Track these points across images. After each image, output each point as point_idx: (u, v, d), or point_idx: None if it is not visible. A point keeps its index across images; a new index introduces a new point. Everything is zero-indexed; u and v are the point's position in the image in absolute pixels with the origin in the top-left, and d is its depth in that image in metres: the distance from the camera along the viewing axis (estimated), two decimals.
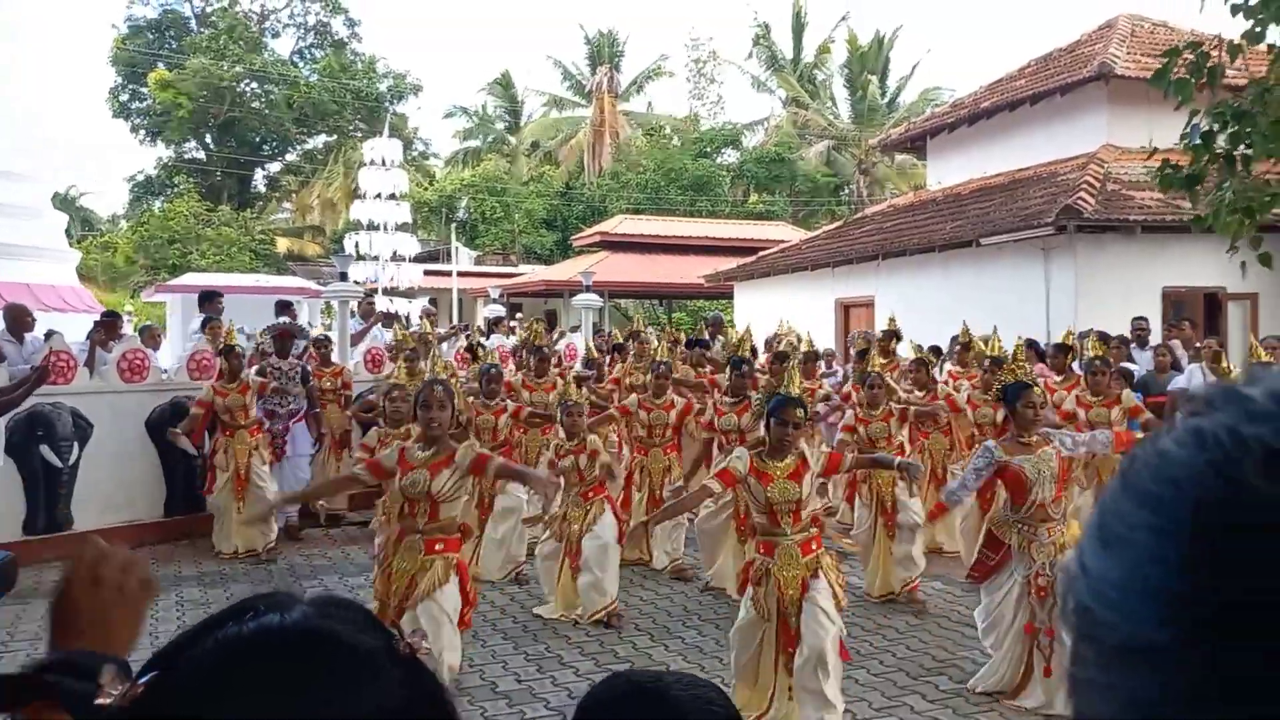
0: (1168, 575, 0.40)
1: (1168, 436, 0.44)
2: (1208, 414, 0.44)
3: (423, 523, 5.14)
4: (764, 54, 39.46)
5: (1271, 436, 0.40)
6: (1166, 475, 0.42)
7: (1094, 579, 0.44)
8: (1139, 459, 0.45)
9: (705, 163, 36.56)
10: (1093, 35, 16.48)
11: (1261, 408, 0.42)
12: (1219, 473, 0.41)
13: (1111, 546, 0.43)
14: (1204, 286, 12.41)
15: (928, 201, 17.46)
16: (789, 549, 4.88)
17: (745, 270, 20.09)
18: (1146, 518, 0.42)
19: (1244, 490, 0.39)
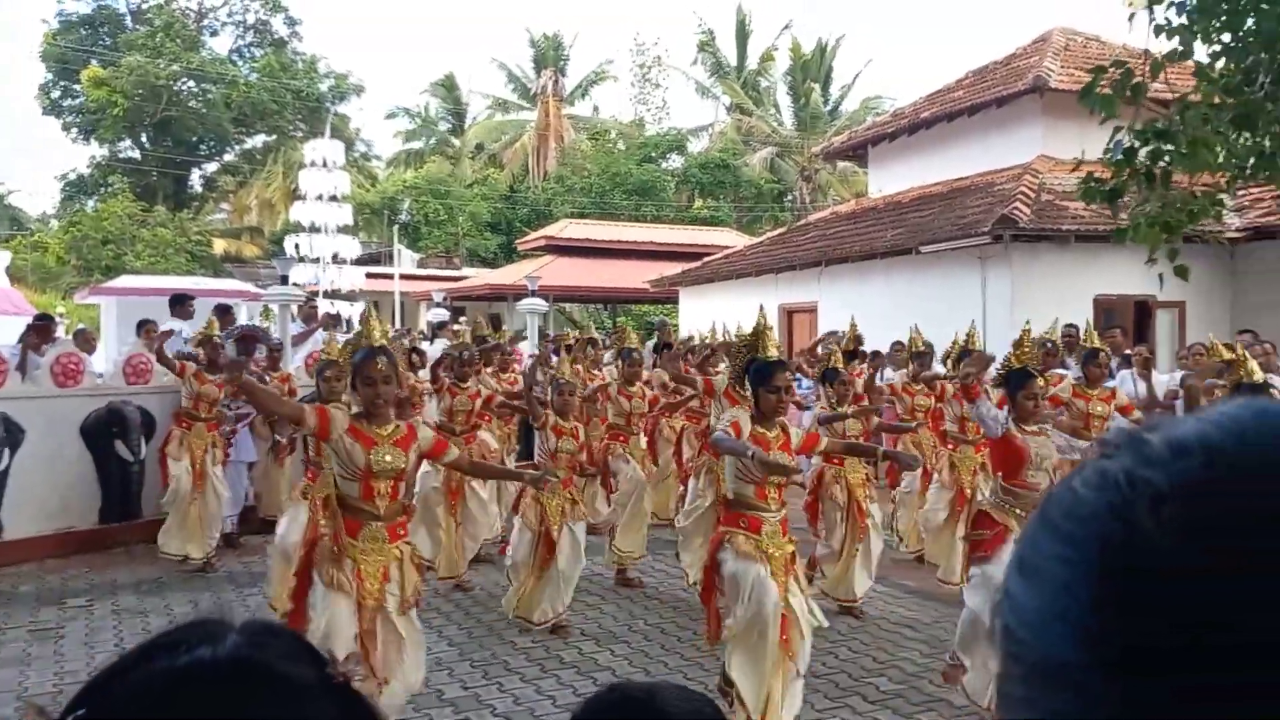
0: (1078, 609, 0.45)
1: (1079, 475, 0.49)
2: (1113, 456, 0.49)
3: (384, 506, 4.58)
4: (709, 60, 39.74)
5: (1161, 480, 0.45)
6: (1075, 513, 0.47)
7: (1015, 602, 0.48)
8: (1054, 495, 0.50)
9: (650, 168, 36.69)
10: (1028, 48, 16.86)
11: (1156, 453, 0.46)
12: (1115, 514, 0.45)
13: (1029, 575, 0.48)
14: (1134, 295, 12.76)
15: (869, 209, 17.72)
16: (774, 528, 4.73)
17: (690, 276, 20.22)
18: (1058, 551, 0.47)
19: (1137, 532, 0.44)
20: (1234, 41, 6.98)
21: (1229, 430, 0.46)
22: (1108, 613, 0.44)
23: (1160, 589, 0.43)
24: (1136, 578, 0.43)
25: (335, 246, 23.82)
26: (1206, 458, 0.45)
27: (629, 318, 30.20)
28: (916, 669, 5.84)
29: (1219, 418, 0.48)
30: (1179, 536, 0.43)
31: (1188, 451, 0.46)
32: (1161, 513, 0.44)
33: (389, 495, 4.59)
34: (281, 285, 12.08)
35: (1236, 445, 0.46)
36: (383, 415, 4.61)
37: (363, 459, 4.51)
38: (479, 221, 35.86)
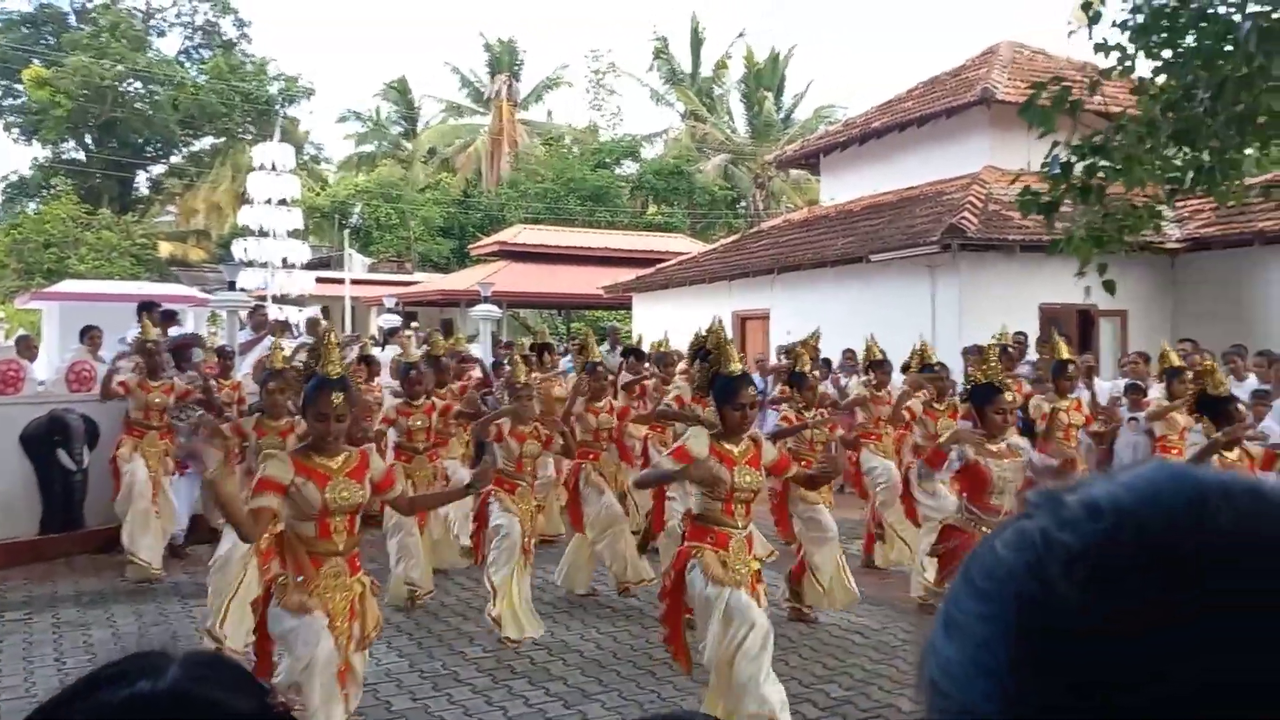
0: (997, 666, 0.46)
1: (1000, 535, 0.51)
2: (1033, 516, 0.50)
3: (342, 542, 4.22)
4: (664, 67, 39.89)
5: (1074, 542, 0.46)
6: (994, 573, 0.49)
7: (939, 656, 0.50)
8: (977, 554, 0.51)
9: (604, 174, 36.72)
10: (976, 60, 17.14)
11: (1071, 514, 0.48)
12: (1032, 574, 0.47)
13: (952, 630, 0.50)
14: (1077, 304, 13.01)
15: (821, 217, 17.89)
16: (741, 543, 4.58)
17: (644, 282, 20.26)
18: (978, 609, 0.49)
19: (1052, 592, 0.46)
20: (1174, 58, 7.16)
21: (1141, 493, 0.48)
22: (1024, 671, 0.45)
23: (1072, 649, 0.44)
24: (1050, 638, 0.45)
25: (284, 251, 23.54)
26: (1117, 520, 0.47)
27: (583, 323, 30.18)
28: (865, 675, 5.89)
29: (1134, 480, 0.49)
30: (1089, 597, 0.45)
31: (1100, 513, 0.47)
32: (1074, 574, 0.45)
33: (346, 531, 4.25)
34: (229, 291, 11.92)
35: (1147, 508, 0.47)
36: (333, 446, 4.23)
37: (318, 498, 4.13)
38: (431, 226, 35.64)
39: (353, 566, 4.29)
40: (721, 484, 4.57)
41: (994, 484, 5.18)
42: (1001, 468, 5.20)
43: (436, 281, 29.65)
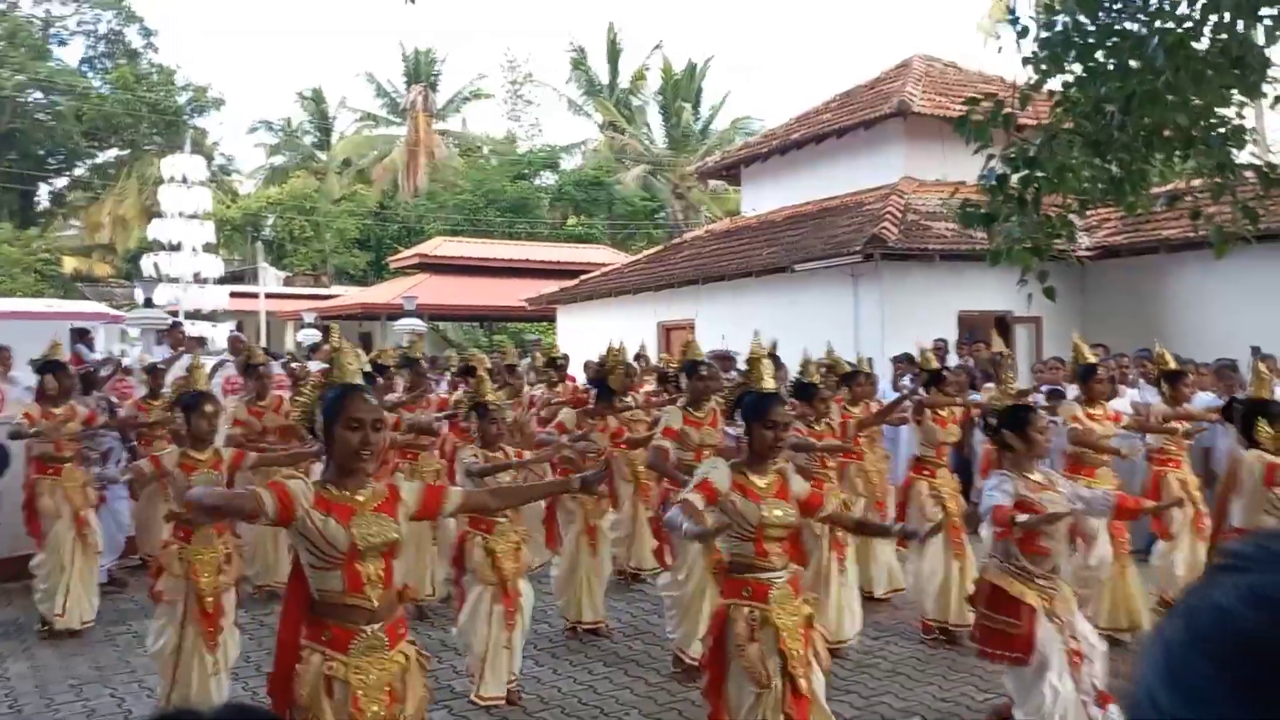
0: None
1: (1219, 592, 0.49)
2: (1252, 570, 0.49)
3: (377, 597, 3.21)
4: (582, 78, 39.95)
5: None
6: (1241, 639, 0.47)
7: (1166, 716, 0.48)
8: (1202, 611, 0.49)
9: (523, 185, 36.60)
10: (891, 73, 17.52)
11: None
12: None
13: (1185, 694, 0.48)
14: (994, 310, 13.36)
15: (744, 228, 18.08)
16: (784, 590, 3.89)
17: (568, 293, 20.22)
18: (1221, 674, 0.47)
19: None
20: (1085, 72, 7.42)
21: None
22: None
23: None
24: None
25: (196, 265, 22.94)
26: None
27: (505, 336, 30.03)
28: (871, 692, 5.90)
29: None
30: None
31: None
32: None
33: (383, 581, 3.26)
34: (145, 307, 11.57)
35: None
36: (360, 474, 3.31)
37: (344, 537, 3.18)
38: (347, 239, 35.11)
39: (391, 635, 3.30)
40: (747, 521, 3.90)
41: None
42: (1050, 499, 4.39)
43: (355, 295, 29.22)
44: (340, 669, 3.16)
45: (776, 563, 3.93)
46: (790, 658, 3.75)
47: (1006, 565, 4.44)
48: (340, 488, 3.27)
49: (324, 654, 3.18)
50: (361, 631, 3.20)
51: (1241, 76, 6.96)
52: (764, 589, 3.87)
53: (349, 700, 3.15)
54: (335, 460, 3.31)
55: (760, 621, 3.80)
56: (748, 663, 3.71)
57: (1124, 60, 7.21)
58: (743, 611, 3.82)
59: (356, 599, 3.20)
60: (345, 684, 3.16)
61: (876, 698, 5.64)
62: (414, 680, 3.35)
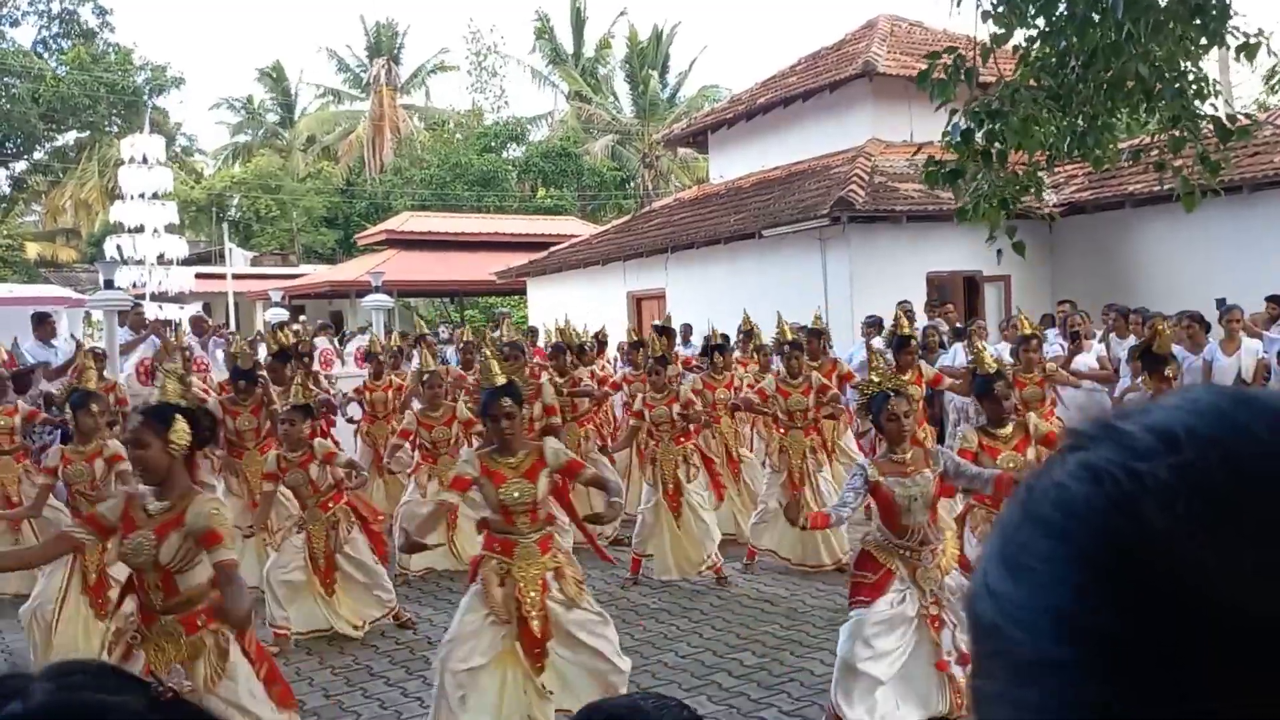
0: (1074, 601, 0.44)
1: (1060, 469, 0.48)
2: (1090, 447, 0.48)
3: (158, 600, 3.77)
4: (546, 48, 39.53)
5: (1165, 473, 0.44)
6: (1070, 509, 0.46)
7: (1001, 600, 0.47)
8: (1037, 489, 0.49)
9: (491, 158, 36.29)
10: (856, 34, 17.42)
11: (1145, 445, 0.46)
12: (1121, 510, 0.44)
13: (1019, 572, 0.47)
14: (963, 270, 13.40)
15: (711, 195, 18.00)
16: (528, 548, 4.60)
17: (538, 266, 20.11)
18: (1054, 549, 0.46)
19: (1149, 528, 0.43)
20: (1048, 26, 7.38)
21: (1214, 419, 0.46)
22: (1105, 602, 0.43)
23: (1176, 587, 0.42)
24: (1150, 576, 0.43)
25: (161, 247, 22.62)
26: (1202, 450, 0.45)
27: (476, 310, 29.89)
28: (777, 642, 5.97)
29: (1196, 405, 0.47)
30: (1196, 534, 0.43)
31: (1178, 444, 0.45)
32: (1173, 507, 0.43)
33: (162, 590, 3.77)
34: (106, 290, 11.39)
35: (1230, 435, 0.46)
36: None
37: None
38: (314, 216, 34.74)
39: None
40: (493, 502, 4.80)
41: (899, 505, 4.68)
42: (904, 487, 4.70)
43: (323, 273, 28.94)
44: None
45: (522, 528, 4.61)
46: (523, 602, 4.52)
47: (878, 537, 4.84)
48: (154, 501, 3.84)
49: None
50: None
51: (1201, 25, 6.95)
52: (510, 545, 4.60)
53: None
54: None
55: (503, 572, 4.57)
56: (492, 601, 4.53)
57: (1085, 13, 7.18)
58: (491, 564, 4.60)
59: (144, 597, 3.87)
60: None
61: None
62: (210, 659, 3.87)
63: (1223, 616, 0.41)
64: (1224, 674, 0.41)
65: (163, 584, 3.73)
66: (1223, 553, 0.42)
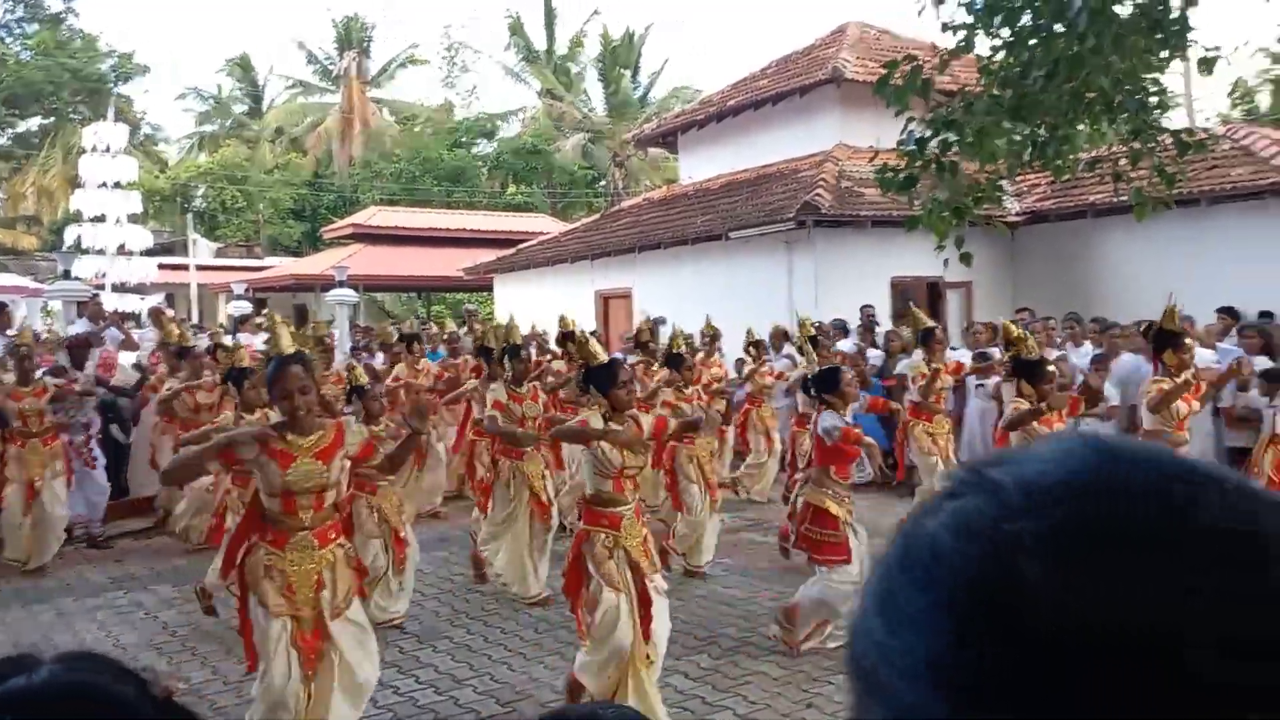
0: (953, 660, 0.45)
1: (934, 517, 0.49)
2: (964, 496, 0.49)
3: (309, 517, 4.23)
4: (519, 44, 39.39)
5: (1035, 529, 0.45)
6: (941, 559, 0.47)
7: (883, 649, 0.48)
8: (913, 536, 0.50)
9: (461, 153, 36.11)
10: (826, 40, 17.51)
11: (1017, 499, 0.47)
12: (990, 561, 0.46)
13: (897, 623, 0.48)
14: (927, 276, 13.49)
15: (681, 195, 18.03)
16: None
17: (505, 263, 20.05)
18: (929, 600, 0.47)
19: (1019, 581, 0.44)
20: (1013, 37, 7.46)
21: (1085, 475, 0.47)
22: (978, 657, 0.44)
23: (1043, 640, 0.43)
24: (1017, 630, 0.44)
25: (123, 237, 22.32)
26: (1074, 506, 0.46)
27: (444, 306, 29.74)
28: (733, 644, 6.00)
29: (1068, 459, 0.48)
30: (1064, 591, 0.44)
31: (1048, 499, 0.47)
32: (1042, 560, 0.44)
33: (313, 507, 4.27)
34: (64, 280, 11.24)
35: (1100, 490, 0.47)
36: (304, 424, 4.25)
37: (278, 475, 4.17)
38: (281, 209, 34.40)
39: (323, 539, 4.29)
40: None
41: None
42: None
43: (288, 266, 28.66)
44: (273, 559, 4.23)
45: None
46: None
47: (820, 488, 5.70)
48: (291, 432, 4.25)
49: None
50: (296, 534, 4.24)
51: (1162, 39, 7.06)
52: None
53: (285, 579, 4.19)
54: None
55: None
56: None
57: (1049, 24, 7.27)
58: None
59: (290, 520, 4.23)
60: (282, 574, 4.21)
61: None
62: (341, 572, 4.31)
63: (1089, 668, 0.42)
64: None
65: (315, 503, 4.23)
66: (1090, 608, 0.43)
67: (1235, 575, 0.43)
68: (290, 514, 4.21)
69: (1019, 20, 7.36)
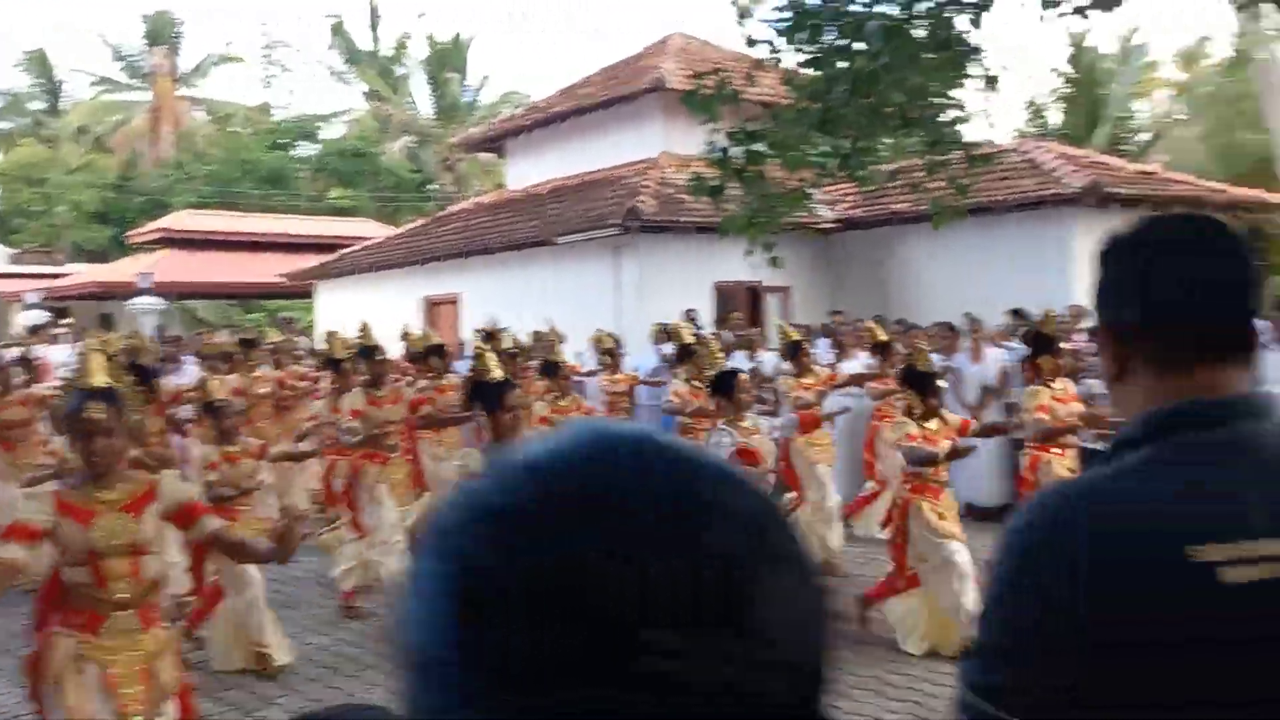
0: (445, 620, 0.50)
1: (451, 491, 0.55)
2: (480, 480, 0.54)
3: (126, 590, 3.38)
4: (342, 45, 38.36)
5: (500, 503, 0.51)
6: (442, 528, 0.53)
7: (403, 609, 0.53)
8: (436, 508, 0.55)
9: (280, 155, 34.87)
10: (651, 49, 17.82)
11: (507, 473, 0.53)
12: (468, 533, 0.51)
13: (414, 585, 0.53)
14: (747, 281, 13.91)
15: (509, 201, 17.97)
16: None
17: (328, 268, 19.50)
18: (431, 565, 0.52)
19: (483, 551, 0.50)
20: (818, 53, 7.81)
21: (558, 452, 0.53)
22: (468, 628, 0.49)
23: (501, 607, 0.48)
24: (485, 596, 0.49)
25: None
26: (538, 479, 0.51)
27: (263, 315, 28.64)
28: None
29: (559, 439, 0.54)
30: (512, 557, 0.49)
31: (519, 476, 0.52)
32: (499, 534, 0.50)
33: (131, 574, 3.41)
34: None
35: (563, 466, 0.52)
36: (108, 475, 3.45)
37: (77, 534, 3.34)
38: (84, 211, 32.38)
39: (145, 620, 3.46)
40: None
41: (763, 458, 5.65)
42: (759, 442, 5.77)
43: (90, 273, 26.97)
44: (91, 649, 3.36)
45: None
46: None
47: None
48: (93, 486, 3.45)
49: None
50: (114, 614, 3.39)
51: (950, 58, 7.53)
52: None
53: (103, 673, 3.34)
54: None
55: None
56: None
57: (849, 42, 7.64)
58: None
59: (102, 593, 3.37)
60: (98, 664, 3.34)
61: None
62: (166, 663, 3.50)
63: (521, 630, 0.47)
64: (588, 689, 0.46)
65: (131, 569, 3.38)
66: (519, 574, 0.48)
67: (666, 536, 0.49)
68: (101, 586, 3.35)
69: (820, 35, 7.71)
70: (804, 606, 0.52)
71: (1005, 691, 1.12)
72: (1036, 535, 1.16)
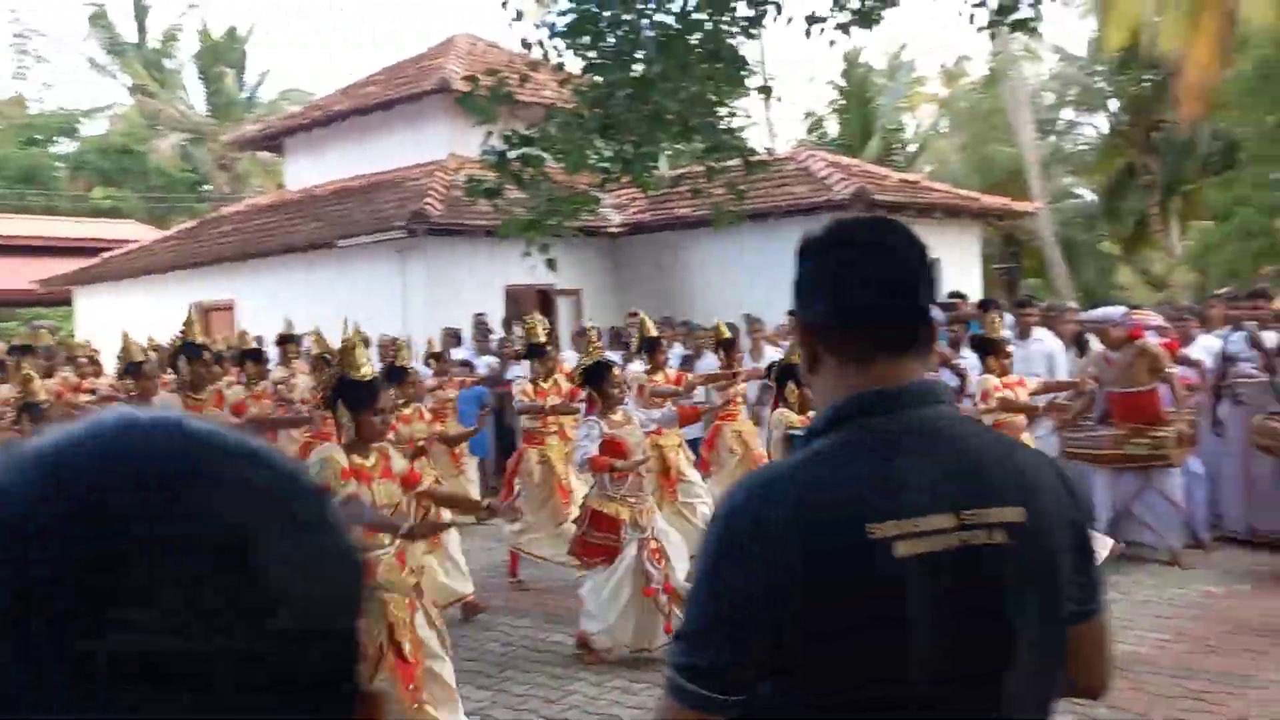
0: None
1: None
2: None
3: None
4: (103, 35, 35.75)
5: (33, 481, 0.51)
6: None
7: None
8: None
9: (36, 151, 32.19)
10: (436, 50, 17.56)
11: (26, 455, 0.53)
12: None
13: None
14: (538, 284, 13.94)
15: (288, 202, 17.28)
16: (390, 563, 4.19)
17: (87, 274, 18.17)
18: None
19: None
20: (599, 58, 7.92)
21: (97, 437, 0.53)
22: None
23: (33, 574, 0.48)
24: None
25: None
26: (74, 461, 0.52)
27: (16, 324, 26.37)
28: None
29: (86, 426, 0.54)
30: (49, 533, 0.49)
31: (26, 463, 0.52)
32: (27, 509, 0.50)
33: None
34: None
35: (69, 449, 0.52)
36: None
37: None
38: None
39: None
40: None
41: (630, 449, 5.64)
42: (633, 435, 5.75)
43: None
44: None
45: (384, 539, 4.09)
46: (395, 626, 3.95)
47: (603, 493, 5.65)
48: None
49: None
50: None
51: (723, 69, 7.80)
52: None
53: None
54: None
55: None
56: None
57: (628, 50, 7.80)
58: None
59: None
60: None
61: None
62: None
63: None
64: None
65: None
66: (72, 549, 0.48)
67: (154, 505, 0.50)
68: None
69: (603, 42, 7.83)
70: (331, 576, 0.53)
71: (711, 672, 1.18)
72: (740, 521, 1.23)
